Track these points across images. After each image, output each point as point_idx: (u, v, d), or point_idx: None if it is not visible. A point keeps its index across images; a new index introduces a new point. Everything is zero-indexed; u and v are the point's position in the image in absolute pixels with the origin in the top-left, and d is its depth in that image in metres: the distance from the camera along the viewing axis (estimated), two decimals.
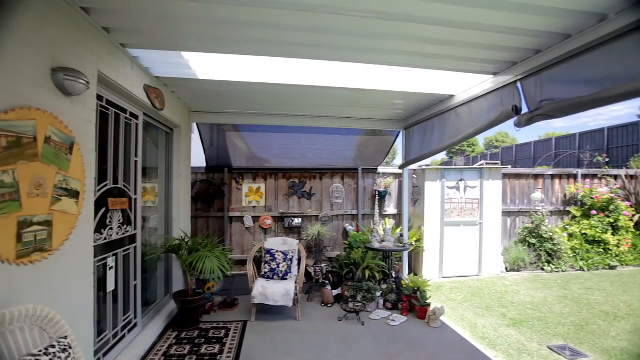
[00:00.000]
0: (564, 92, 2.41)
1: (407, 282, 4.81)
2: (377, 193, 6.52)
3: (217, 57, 3.06)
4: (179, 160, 4.64)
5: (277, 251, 4.88)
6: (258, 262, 5.16)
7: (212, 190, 5.85)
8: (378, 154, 6.51)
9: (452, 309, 4.83)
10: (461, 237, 6.55)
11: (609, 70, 2.11)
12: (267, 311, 4.59)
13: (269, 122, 5.12)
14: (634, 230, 7.37)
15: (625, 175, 8.07)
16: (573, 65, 2.36)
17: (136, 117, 3.42)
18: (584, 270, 6.81)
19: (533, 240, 7.05)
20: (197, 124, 5.32)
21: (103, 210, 2.80)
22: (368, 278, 5.15)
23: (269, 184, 6.28)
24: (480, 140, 39.00)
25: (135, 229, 3.41)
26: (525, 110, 2.72)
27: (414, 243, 6.12)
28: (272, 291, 4.30)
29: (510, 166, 7.93)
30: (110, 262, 2.95)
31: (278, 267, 4.74)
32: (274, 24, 2.38)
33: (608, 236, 7.09)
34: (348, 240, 5.98)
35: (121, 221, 3.12)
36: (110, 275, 2.94)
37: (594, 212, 7.31)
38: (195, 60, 3.18)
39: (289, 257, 4.85)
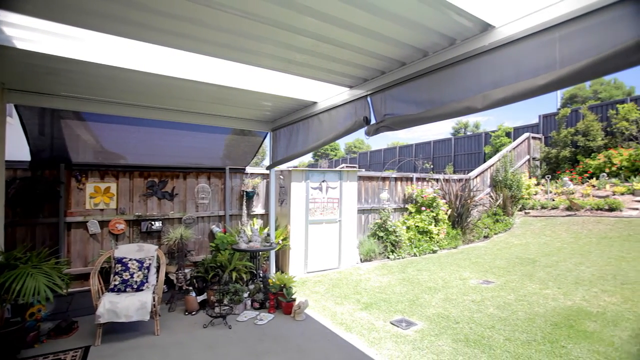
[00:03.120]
0: (401, 109, 2.92)
1: (274, 280, 4.94)
2: (244, 193, 6.49)
3: (52, 25, 2.41)
4: None
5: (130, 259, 4.30)
6: (107, 273, 4.44)
7: (41, 191, 4.71)
8: (247, 154, 6.48)
9: (315, 301, 5.21)
10: (323, 234, 7.14)
11: (430, 96, 2.67)
12: (118, 330, 3.99)
13: (125, 112, 4.36)
14: (447, 222, 9.50)
15: (443, 179, 10.35)
16: (407, 88, 2.89)
17: None
18: (416, 256, 8.36)
19: (381, 234, 8.26)
20: (15, 107, 4.17)
21: None
22: (235, 280, 5.06)
23: (121, 183, 5.47)
24: (342, 145, 43.45)
25: None
26: (373, 121, 3.18)
27: (280, 242, 6.35)
28: (124, 305, 3.76)
29: (364, 169, 9.10)
30: None
31: (132, 277, 4.18)
32: (140, 5, 2.10)
33: (432, 227, 8.92)
34: (215, 243, 5.75)
35: None
36: None
37: (423, 208, 9.08)
38: (13, 21, 2.40)
39: (145, 265, 4.34)
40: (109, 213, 5.35)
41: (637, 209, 9.71)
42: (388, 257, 8.10)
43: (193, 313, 4.66)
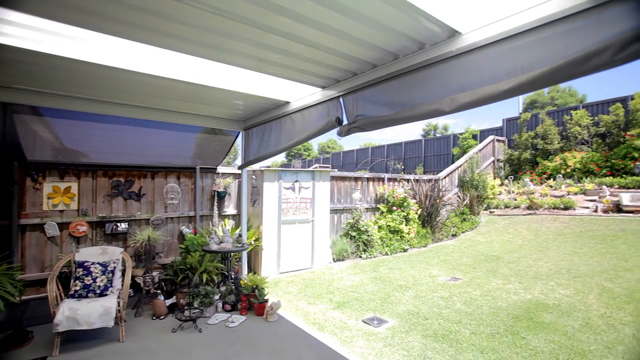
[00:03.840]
0: (373, 110, 2.97)
1: (245, 281, 4.87)
2: (216, 193, 6.36)
3: (4, 12, 2.22)
4: None
5: (93, 263, 4.09)
6: (67, 279, 4.20)
7: None
8: (218, 153, 6.35)
9: (288, 302, 5.19)
10: (296, 234, 7.13)
11: (400, 98, 2.73)
12: (79, 338, 3.78)
13: (88, 108, 4.05)
14: (417, 221, 9.76)
15: (414, 179, 10.63)
16: (378, 90, 2.95)
17: None
18: (388, 255, 8.54)
19: (354, 233, 8.36)
20: None
21: None
22: (206, 282, 4.95)
23: (84, 182, 5.20)
24: (315, 145, 43.57)
25: None
26: (345, 122, 3.21)
27: (252, 242, 6.27)
28: (86, 312, 3.57)
29: (337, 170, 9.18)
30: None
31: (94, 281, 3.98)
32: None
33: (403, 226, 9.14)
34: (184, 244, 5.59)
35: None
36: None
37: (394, 208, 9.28)
38: None
39: (109, 268, 4.14)
40: (69, 214, 5.06)
41: (588, 207, 10.44)
42: (360, 257, 8.21)
43: (161, 317, 4.50)
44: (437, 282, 6.17)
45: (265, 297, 4.74)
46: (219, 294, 4.84)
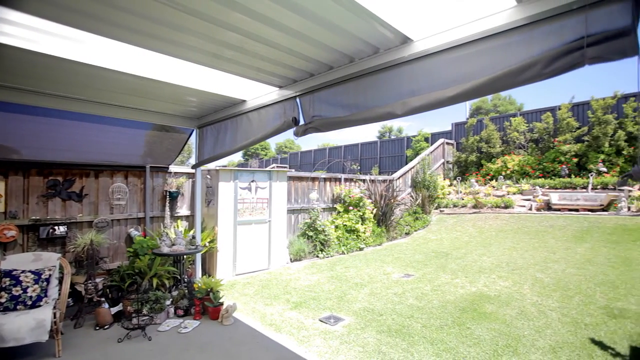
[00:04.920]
0: (328, 111, 3.01)
1: (199, 284, 4.70)
2: (168, 194, 6.07)
3: None
4: None
5: (23, 271, 3.70)
6: None
7: None
8: (171, 151, 6.06)
9: (244, 304, 5.09)
10: (253, 234, 7.01)
11: (356, 100, 2.80)
12: (4, 357, 3.39)
13: (20, 99, 3.68)
14: (373, 221, 10.06)
15: (369, 180, 10.93)
16: (334, 91, 3.00)
17: None
18: (344, 254, 8.68)
19: (311, 233, 8.41)
20: None
21: None
22: (156, 287, 4.71)
23: (12, 181, 4.69)
24: (272, 145, 43.17)
25: None
26: (302, 122, 3.23)
27: (207, 244, 6.07)
28: (14, 327, 3.21)
29: (295, 170, 9.17)
30: None
31: (25, 292, 3.60)
32: None
33: (359, 226, 9.36)
34: (133, 248, 5.26)
35: None
36: None
37: (351, 207, 9.47)
38: None
39: (43, 276, 3.78)
40: None
41: (524, 206, 11.45)
42: (317, 256, 8.27)
43: (106, 327, 4.20)
44: (391, 279, 6.40)
45: (221, 300, 4.61)
46: (171, 299, 4.63)
